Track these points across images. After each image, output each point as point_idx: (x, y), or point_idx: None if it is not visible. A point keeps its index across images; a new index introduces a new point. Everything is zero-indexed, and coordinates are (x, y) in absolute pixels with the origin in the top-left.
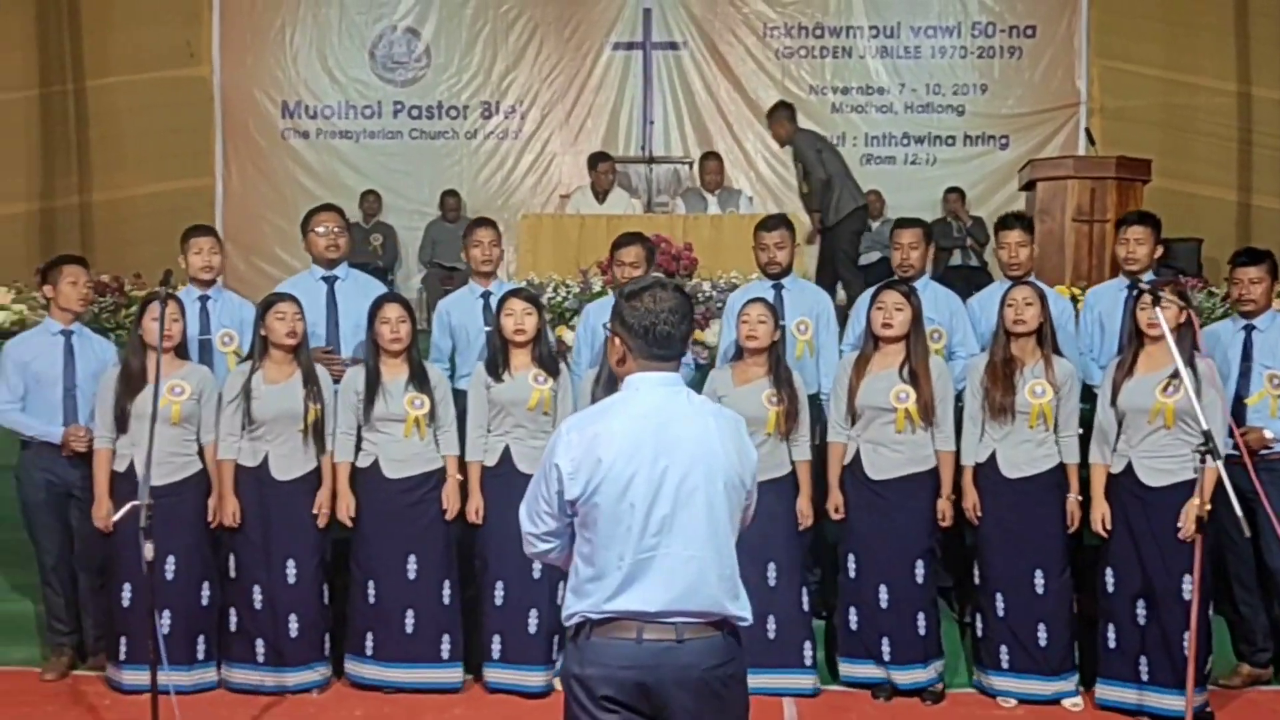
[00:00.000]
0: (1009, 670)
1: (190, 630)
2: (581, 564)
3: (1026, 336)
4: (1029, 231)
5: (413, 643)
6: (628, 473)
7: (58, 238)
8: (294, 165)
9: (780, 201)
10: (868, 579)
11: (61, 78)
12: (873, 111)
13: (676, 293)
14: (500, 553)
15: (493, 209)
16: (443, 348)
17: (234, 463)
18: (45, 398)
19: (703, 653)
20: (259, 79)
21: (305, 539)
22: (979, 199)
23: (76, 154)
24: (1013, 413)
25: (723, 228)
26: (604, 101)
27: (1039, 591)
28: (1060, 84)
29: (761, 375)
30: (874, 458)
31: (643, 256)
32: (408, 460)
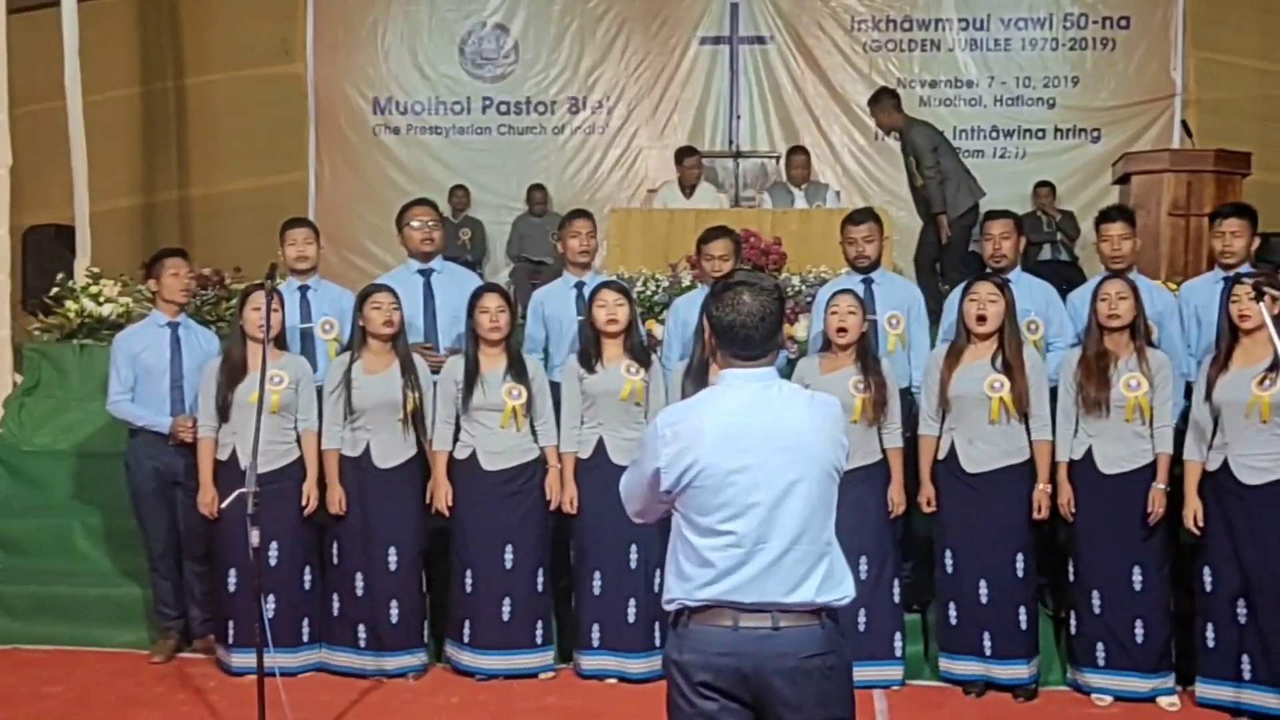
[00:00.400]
0: (1105, 667)
1: (294, 614)
2: (680, 549)
3: (1120, 331)
4: (1131, 224)
5: (508, 630)
6: (719, 466)
7: (158, 232)
8: (384, 161)
9: (867, 195)
10: (967, 574)
11: (162, 75)
12: (961, 105)
13: (761, 294)
14: (597, 543)
15: (579, 204)
16: (536, 338)
17: (338, 452)
18: (153, 388)
19: (800, 641)
20: (351, 75)
21: (406, 526)
22: (1069, 193)
23: (176, 150)
24: (1108, 407)
25: (810, 222)
26: (690, 96)
27: (1136, 588)
28: (1155, 76)
29: (849, 363)
30: (969, 450)
31: (730, 250)
32: (505, 452)
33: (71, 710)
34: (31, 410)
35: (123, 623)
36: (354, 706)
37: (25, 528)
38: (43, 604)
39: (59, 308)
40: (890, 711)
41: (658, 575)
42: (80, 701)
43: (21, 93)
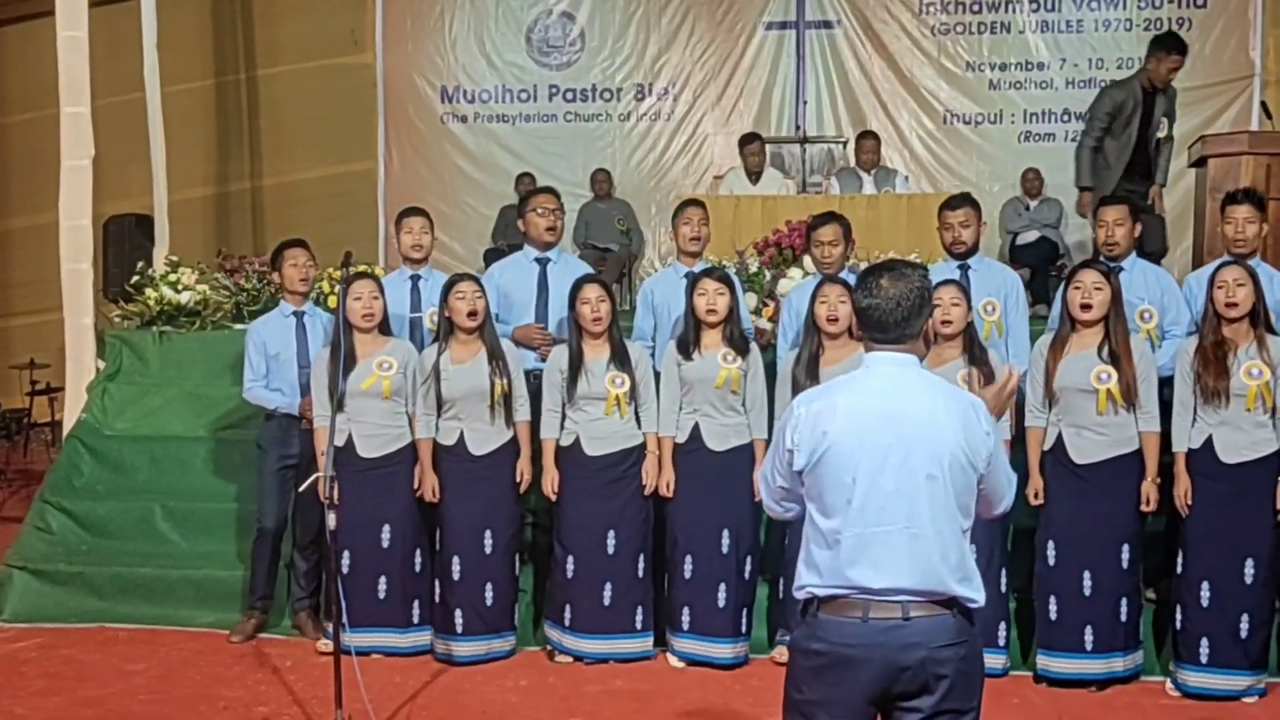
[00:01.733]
0: (1208, 665)
1: (406, 595)
2: (810, 536)
3: (1238, 320)
4: (1260, 208)
5: (609, 614)
6: (850, 447)
7: (232, 221)
8: (452, 149)
9: (935, 181)
10: (1070, 566)
11: (235, 68)
12: (1032, 87)
13: (900, 279)
14: (690, 528)
15: (644, 191)
16: (645, 327)
17: (431, 440)
18: (284, 376)
19: (930, 632)
20: (419, 65)
21: (501, 511)
22: None
23: (249, 140)
24: (1228, 396)
25: (878, 208)
26: (756, 82)
27: (1248, 581)
28: (1233, 55)
29: (956, 356)
30: (1077, 441)
31: (840, 234)
32: (607, 438)
33: (155, 687)
34: (113, 395)
35: (203, 603)
36: (426, 688)
37: (109, 510)
38: (126, 584)
39: (139, 295)
40: None
41: (748, 562)
42: (164, 679)
43: (101, 85)
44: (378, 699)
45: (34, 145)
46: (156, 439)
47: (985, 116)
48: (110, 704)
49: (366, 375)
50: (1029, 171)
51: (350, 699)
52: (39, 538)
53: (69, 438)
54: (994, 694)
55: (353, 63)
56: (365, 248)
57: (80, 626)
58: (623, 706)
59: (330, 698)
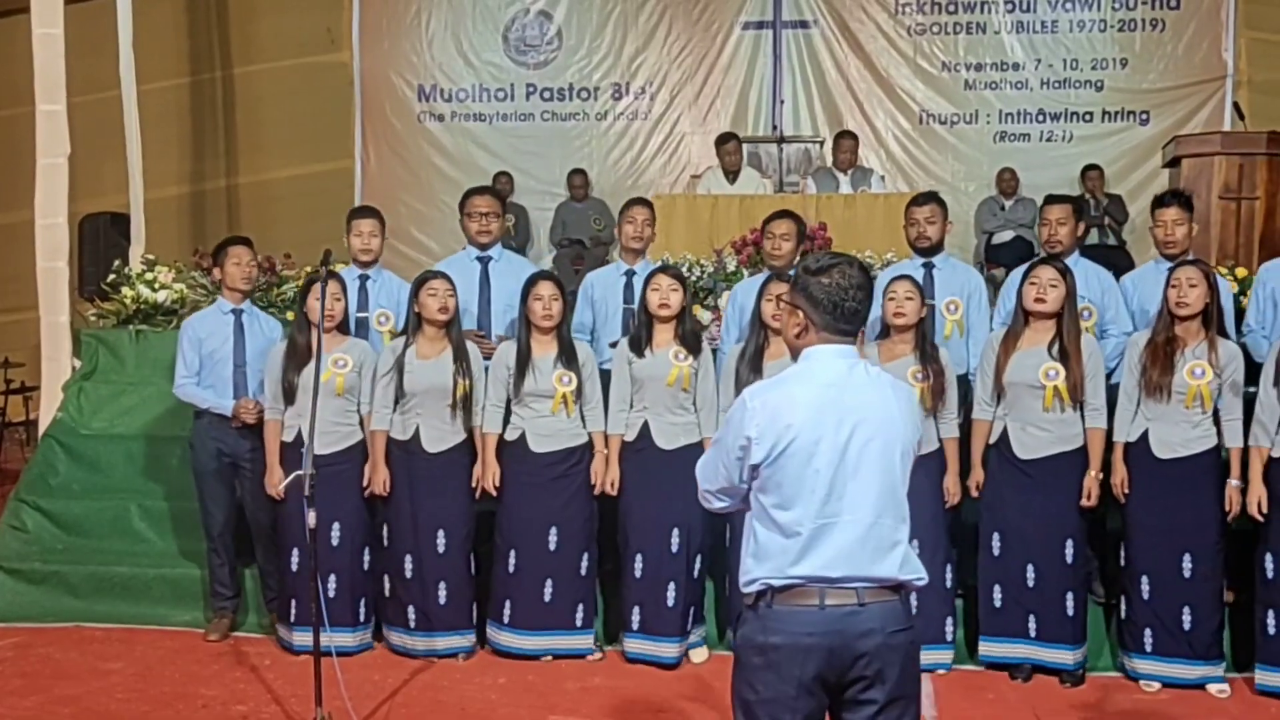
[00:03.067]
0: (1152, 653)
1: (354, 593)
2: (761, 529)
3: (1189, 319)
4: (1187, 209)
5: (549, 611)
6: (813, 437)
7: (208, 219)
8: (429, 148)
9: (911, 180)
10: (1014, 558)
11: (211, 66)
12: (1007, 88)
13: (862, 271)
14: (640, 526)
15: (622, 190)
16: (584, 321)
17: (386, 434)
18: (218, 373)
19: (884, 617)
20: (396, 63)
21: (455, 510)
22: (1117, 176)
23: (225, 138)
24: (1168, 392)
25: (855, 207)
26: (733, 81)
27: (1186, 575)
28: (1205, 56)
29: (907, 352)
30: (1022, 437)
31: (793, 230)
32: (554, 435)
33: (133, 685)
34: (89, 395)
35: (180, 602)
36: (406, 686)
37: (85, 509)
38: (103, 583)
39: (115, 294)
40: (936, 695)
41: (698, 560)
42: (141, 678)
43: (76, 83)
44: (357, 697)
45: (9, 143)
46: (132, 438)
47: (961, 116)
48: (87, 702)
49: (321, 371)
50: (1004, 171)
51: (330, 697)
52: (14, 537)
53: (44, 437)
54: (966, 690)
55: (329, 61)
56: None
57: (56, 626)
58: (601, 703)
59: (309, 695)
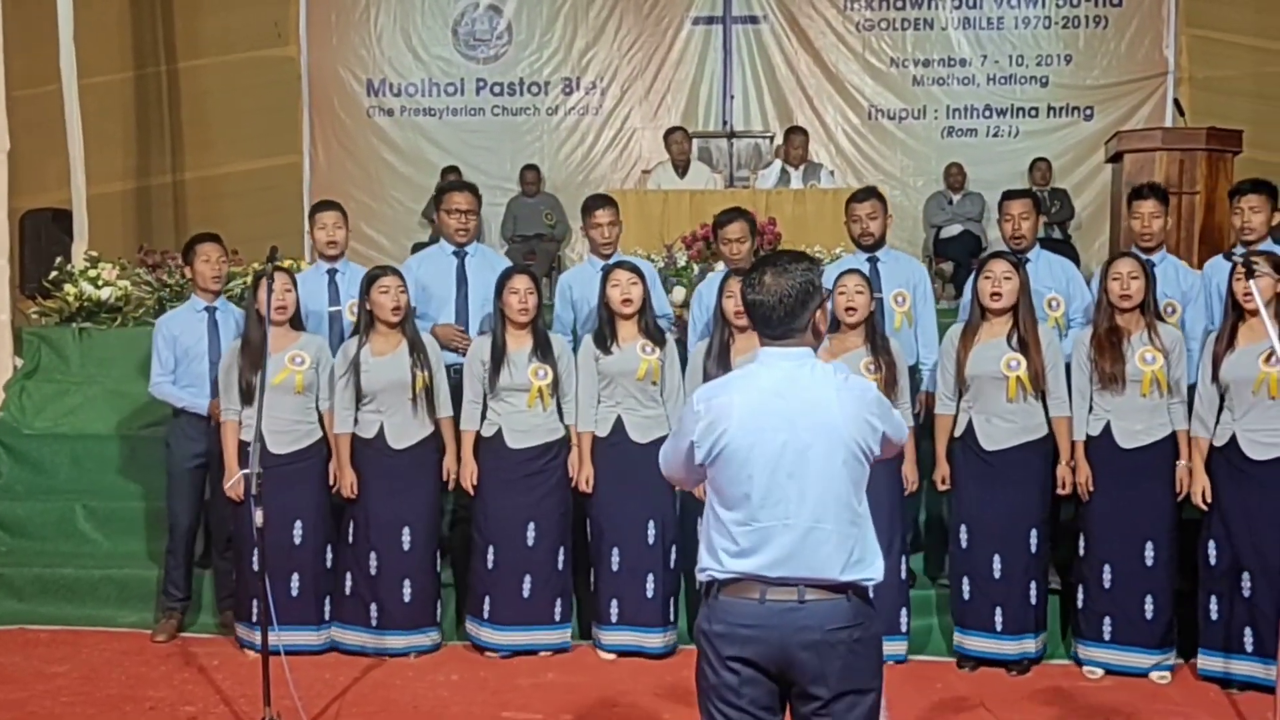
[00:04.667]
0: (1110, 642)
1: (317, 592)
2: (712, 522)
3: (1131, 310)
4: (1164, 202)
5: (528, 606)
6: (748, 442)
7: (154, 215)
8: (379, 142)
9: (860, 175)
10: (981, 550)
11: (155, 60)
12: (954, 83)
13: (783, 274)
14: (616, 520)
15: (573, 185)
16: (565, 320)
17: (350, 435)
18: (193, 371)
19: (825, 615)
20: (344, 58)
21: (421, 507)
22: (1062, 171)
23: (170, 134)
24: (1124, 381)
25: (805, 202)
26: (684, 76)
27: (1149, 564)
28: (1147, 53)
29: (859, 344)
30: (986, 428)
31: (746, 230)
32: (530, 430)
33: (79, 688)
34: (32, 394)
35: (126, 603)
36: (356, 684)
37: (28, 510)
38: (47, 585)
39: (57, 291)
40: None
41: (674, 551)
42: (87, 680)
43: (16, 77)
44: (307, 696)
45: None
46: (77, 437)
47: (909, 112)
48: (32, 706)
49: (278, 370)
50: (952, 166)
51: (279, 696)
52: None
53: None
54: (916, 680)
55: (276, 55)
56: (290, 242)
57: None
58: (555, 699)
59: (258, 696)
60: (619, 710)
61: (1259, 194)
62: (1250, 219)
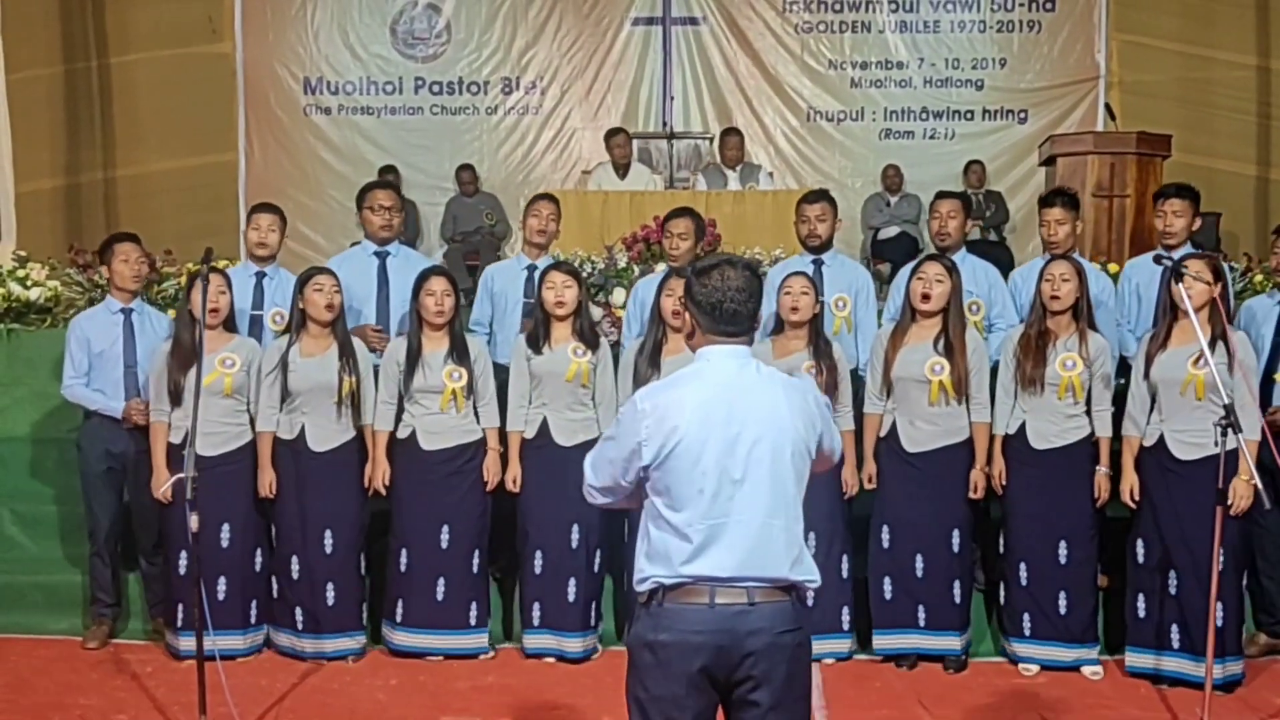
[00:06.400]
0: (1030, 637)
1: (245, 596)
2: (654, 528)
3: (1062, 313)
4: (1071, 208)
5: (441, 609)
6: (701, 439)
7: (84, 214)
8: (315, 141)
9: (799, 176)
10: (903, 549)
11: (85, 54)
12: (892, 86)
13: (745, 271)
14: (540, 523)
15: (513, 185)
16: (482, 314)
17: (272, 435)
18: (107, 374)
19: (774, 616)
20: (281, 55)
21: (342, 509)
22: (997, 173)
23: (101, 130)
24: (1042, 384)
25: (744, 203)
26: (624, 77)
27: (1061, 561)
28: (1079, 58)
29: (801, 347)
30: (910, 430)
31: (692, 229)
32: (444, 433)
33: (9, 697)
34: None
35: (56, 610)
36: (294, 690)
37: None
38: None
39: None
40: (824, 685)
41: (598, 556)
42: (17, 689)
43: None
44: (243, 702)
45: None
46: (5, 440)
47: (847, 114)
48: None
49: (209, 371)
50: (889, 168)
51: (214, 703)
52: None
53: None
54: (854, 679)
55: (211, 52)
56: (225, 241)
57: None
58: (495, 702)
59: (193, 703)
60: (559, 713)
61: (1181, 198)
62: (1173, 222)
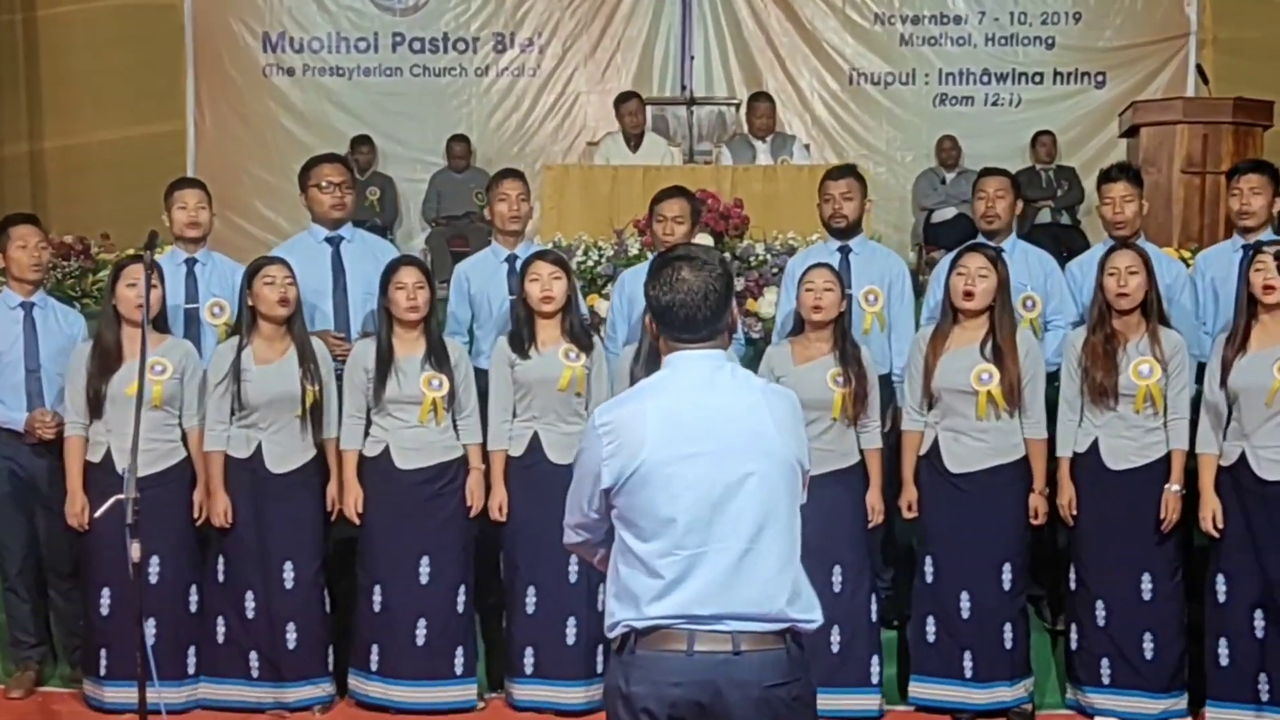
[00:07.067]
0: (1110, 686)
1: (179, 640)
2: (622, 565)
3: (1130, 311)
4: (1137, 184)
5: (423, 656)
6: (667, 458)
7: (4, 191)
8: (277, 107)
9: (840, 149)
10: (948, 585)
11: (9, 6)
12: (948, 44)
13: (703, 269)
14: (532, 555)
15: (508, 157)
16: (461, 318)
17: (223, 455)
18: (6, 379)
19: (763, 668)
20: (236, 7)
21: (305, 538)
22: (1071, 146)
23: (26, 94)
24: (1115, 395)
25: (775, 180)
26: (636, 33)
27: (1146, 598)
28: (1166, 12)
29: (825, 352)
30: (954, 448)
31: (687, 212)
32: (423, 449)
33: None
34: None
35: None
36: None
37: None
38: None
39: None
40: None
41: (601, 590)
42: None
43: None
44: None
45: None
46: None
47: (896, 76)
48: None
49: (133, 378)
50: (945, 139)
51: None
52: None
53: None
54: None
55: (155, 2)
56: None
57: None
58: None
59: None
60: None
61: (1260, 174)
62: (1250, 201)
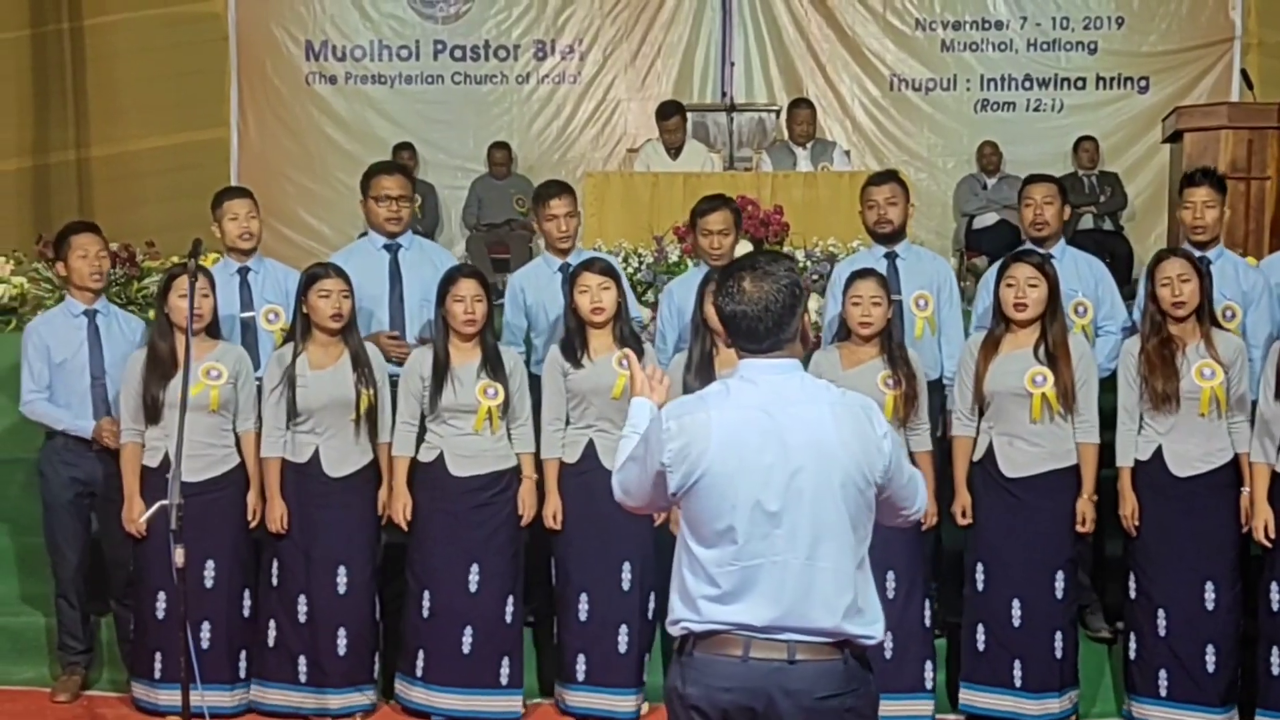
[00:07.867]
0: (1167, 699)
1: (232, 644)
2: (686, 564)
3: (1186, 318)
4: (1219, 190)
5: (467, 665)
6: (730, 469)
7: (53, 199)
8: (319, 114)
9: (881, 155)
10: (999, 593)
11: (56, 16)
12: (989, 49)
13: (765, 279)
14: (584, 563)
15: (548, 164)
16: (517, 328)
17: (280, 460)
18: (71, 386)
19: (817, 678)
20: (280, 15)
21: (359, 543)
22: (1113, 151)
23: (73, 103)
24: (1178, 400)
25: (816, 186)
26: (676, 40)
27: (1209, 608)
28: (1211, 15)
29: (874, 355)
30: (1009, 452)
31: (730, 222)
32: (477, 457)
33: None
34: None
35: (22, 656)
36: None
37: None
38: None
39: None
40: None
41: (652, 599)
42: None
43: None
44: None
45: None
46: None
47: (937, 82)
48: None
49: (192, 383)
50: (986, 145)
51: None
52: None
53: None
54: None
55: (199, 11)
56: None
57: None
58: None
59: None
60: None
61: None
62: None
